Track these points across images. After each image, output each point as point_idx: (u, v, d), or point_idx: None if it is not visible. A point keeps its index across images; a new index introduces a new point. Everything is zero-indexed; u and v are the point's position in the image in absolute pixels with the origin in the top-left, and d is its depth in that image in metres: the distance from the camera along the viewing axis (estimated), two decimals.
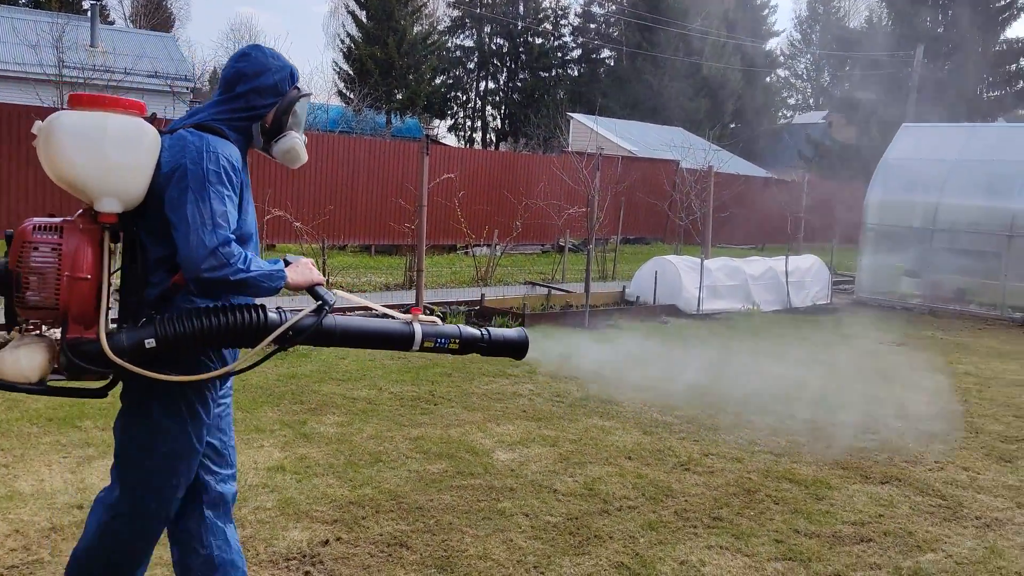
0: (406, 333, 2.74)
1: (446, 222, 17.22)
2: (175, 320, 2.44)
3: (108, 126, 2.39)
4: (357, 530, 3.97)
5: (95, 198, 2.39)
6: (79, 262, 2.37)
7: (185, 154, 2.45)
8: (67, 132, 2.37)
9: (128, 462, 2.61)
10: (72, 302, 2.36)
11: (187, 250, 2.39)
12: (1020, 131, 15.76)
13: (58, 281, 2.35)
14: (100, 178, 2.37)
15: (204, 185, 2.43)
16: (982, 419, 6.74)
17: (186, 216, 2.40)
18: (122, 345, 2.41)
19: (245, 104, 2.64)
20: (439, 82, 42.54)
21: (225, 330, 2.46)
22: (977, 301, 13.40)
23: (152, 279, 2.52)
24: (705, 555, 3.94)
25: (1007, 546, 4.24)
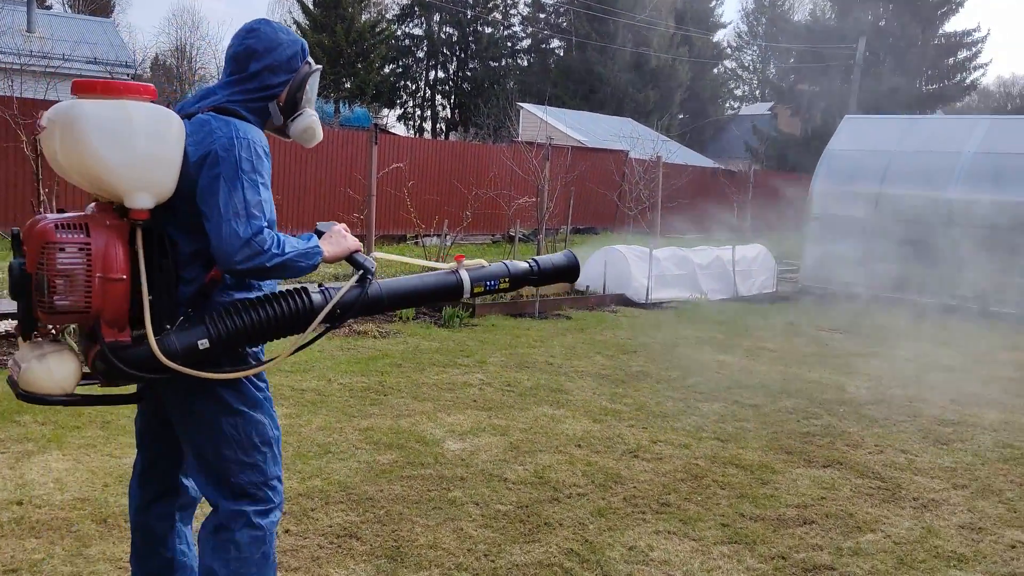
0: (454, 283, 2.71)
1: (396, 212, 17.12)
2: (223, 317, 2.34)
3: (133, 115, 2.22)
4: (306, 522, 3.95)
5: (126, 194, 2.23)
6: (111, 262, 2.21)
7: (214, 141, 2.32)
8: (92, 123, 2.17)
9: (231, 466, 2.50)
10: (106, 305, 2.21)
11: (219, 241, 2.28)
12: (957, 123, 16.20)
13: (89, 283, 2.18)
14: (131, 172, 2.21)
15: (236, 173, 2.31)
16: (919, 403, 6.93)
17: (218, 206, 2.29)
18: (174, 348, 2.29)
19: (260, 84, 2.49)
20: (388, 71, 42.21)
21: (275, 321, 2.39)
22: (916, 289, 13.74)
23: (185, 275, 2.39)
24: (653, 540, 3.99)
25: (943, 526, 4.38)
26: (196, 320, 2.35)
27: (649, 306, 11.45)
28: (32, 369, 2.23)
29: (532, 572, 3.60)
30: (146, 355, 2.26)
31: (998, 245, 12.90)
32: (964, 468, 5.33)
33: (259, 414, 2.53)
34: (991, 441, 5.95)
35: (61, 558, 3.48)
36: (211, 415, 2.47)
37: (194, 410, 2.47)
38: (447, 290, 2.72)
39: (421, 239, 17.54)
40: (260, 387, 2.57)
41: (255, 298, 2.43)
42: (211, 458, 2.50)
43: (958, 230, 13.23)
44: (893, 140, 14.59)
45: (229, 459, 2.49)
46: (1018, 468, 5.38)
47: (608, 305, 11.27)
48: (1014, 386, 7.79)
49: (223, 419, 2.47)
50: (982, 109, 45.41)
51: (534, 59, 46.52)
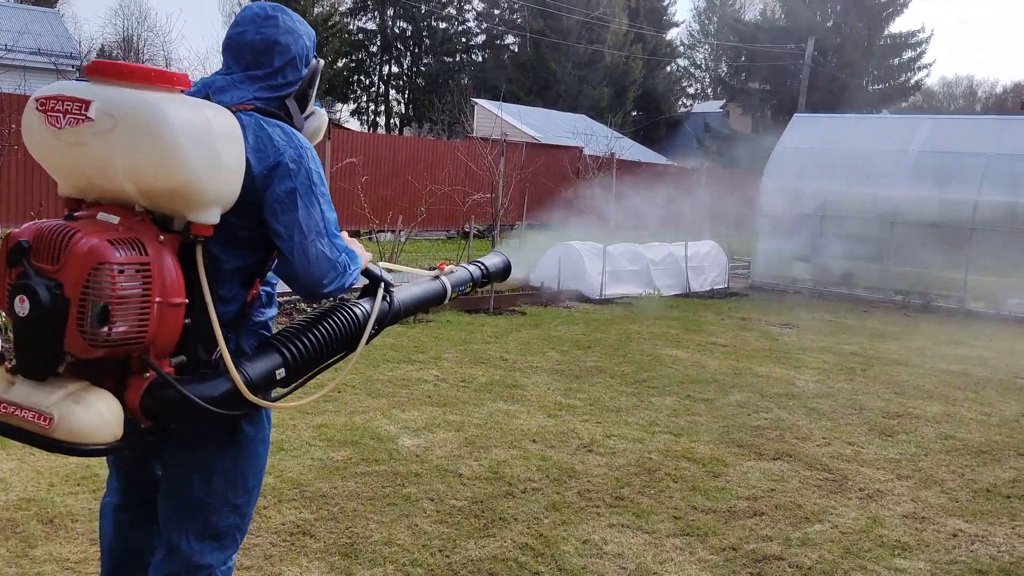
0: (441, 291, 2.74)
1: (349, 207, 16.97)
2: (294, 340, 2.18)
3: (209, 116, 1.95)
4: (259, 520, 3.91)
5: (200, 207, 1.94)
6: (171, 284, 1.93)
7: (280, 151, 2.10)
8: (181, 124, 1.88)
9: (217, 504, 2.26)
10: (161, 333, 1.93)
11: (308, 263, 2.12)
12: (902, 122, 16.58)
13: (146, 309, 1.88)
14: (214, 184, 1.94)
15: (311, 188, 2.13)
16: (865, 396, 7.09)
17: (299, 224, 2.10)
18: (255, 379, 2.08)
19: (284, 80, 2.26)
20: (341, 65, 41.81)
21: (336, 339, 2.26)
22: (863, 285, 14.06)
23: (224, 293, 2.15)
24: (607, 534, 4.03)
25: (888, 515, 4.49)
26: (266, 346, 2.18)
27: (603, 302, 11.54)
28: (75, 414, 1.84)
29: (487, 567, 3.62)
30: (225, 391, 2.02)
31: (941, 242, 13.25)
32: (908, 459, 5.47)
33: (262, 450, 2.34)
34: (934, 433, 6.11)
35: (6, 559, 3.40)
36: (218, 445, 2.24)
37: (204, 441, 2.23)
38: (437, 298, 2.75)
39: (375, 235, 17.44)
40: (270, 423, 2.40)
41: (313, 316, 2.29)
42: (196, 491, 2.24)
43: (903, 227, 13.56)
44: (841, 139, 14.89)
45: (216, 496, 2.25)
46: (959, 459, 5.54)
47: (563, 301, 11.33)
48: (956, 379, 8.01)
49: (225, 451, 2.25)
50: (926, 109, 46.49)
51: (488, 55, 46.49)
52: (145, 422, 1.98)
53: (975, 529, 4.37)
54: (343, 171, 15.38)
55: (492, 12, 46.21)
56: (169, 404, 1.96)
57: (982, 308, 12.66)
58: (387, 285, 2.47)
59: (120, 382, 1.96)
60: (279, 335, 2.21)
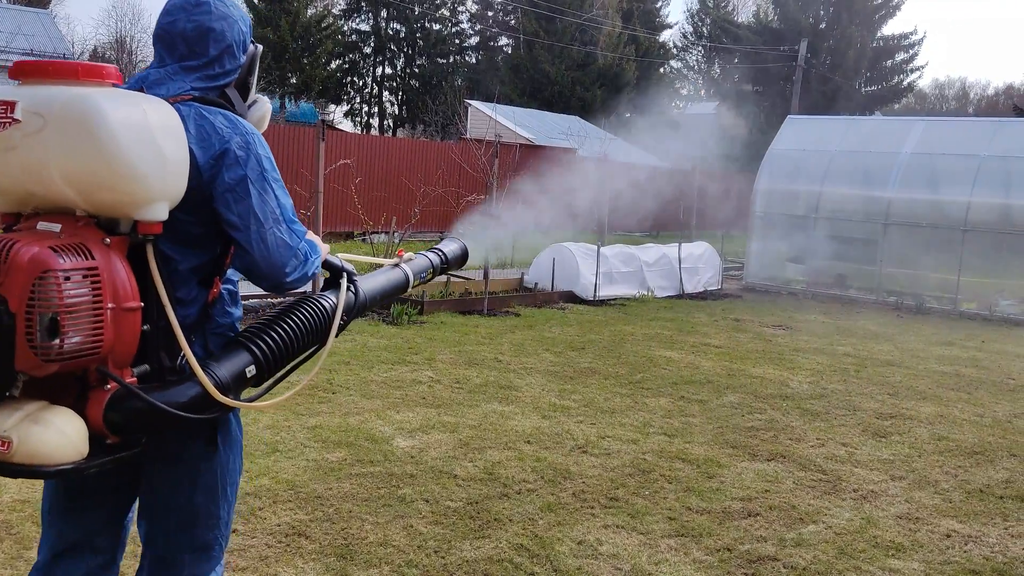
0: (404, 280, 2.64)
1: (343, 209, 16.98)
2: (263, 336, 2.09)
3: (147, 109, 1.84)
4: (254, 521, 3.91)
5: (144, 205, 1.84)
6: (122, 289, 1.81)
7: (225, 138, 2.01)
8: (117, 120, 1.77)
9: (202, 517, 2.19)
10: (119, 341, 1.82)
11: (268, 253, 2.03)
12: (894, 123, 16.64)
13: (99, 317, 1.77)
14: (158, 180, 1.84)
15: (262, 174, 2.05)
16: (859, 397, 7.11)
17: (255, 213, 2.02)
18: (225, 380, 1.98)
19: (222, 68, 2.15)
20: (335, 66, 41.80)
21: (307, 331, 2.18)
22: (855, 286, 14.10)
23: (181, 295, 2.05)
24: (602, 534, 4.04)
25: (882, 516, 4.51)
26: (233, 344, 2.09)
27: (597, 303, 11.55)
28: (34, 436, 1.73)
29: (482, 568, 3.62)
30: (193, 396, 1.92)
31: (934, 243, 13.31)
32: (902, 460, 5.49)
33: (235, 458, 2.25)
34: (927, 434, 6.13)
35: (1, 561, 3.39)
36: (195, 458, 2.16)
37: (183, 455, 2.14)
38: (402, 287, 2.66)
39: (369, 236, 17.43)
40: (241, 426, 2.31)
41: (279, 310, 2.21)
42: (183, 508, 2.17)
43: (896, 228, 13.60)
44: (833, 140, 14.94)
45: (199, 510, 2.18)
46: (953, 460, 5.56)
47: (556, 302, 11.34)
48: (949, 380, 8.03)
49: (202, 463, 2.16)
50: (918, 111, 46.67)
51: (482, 56, 46.52)
52: (111, 437, 1.86)
53: (968, 529, 4.39)
54: (337, 173, 15.36)
55: (485, 14, 46.24)
56: (135, 415, 1.85)
57: (975, 309, 12.71)
58: (350, 275, 2.39)
59: (81, 398, 1.85)
60: (246, 332, 2.13)
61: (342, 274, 2.38)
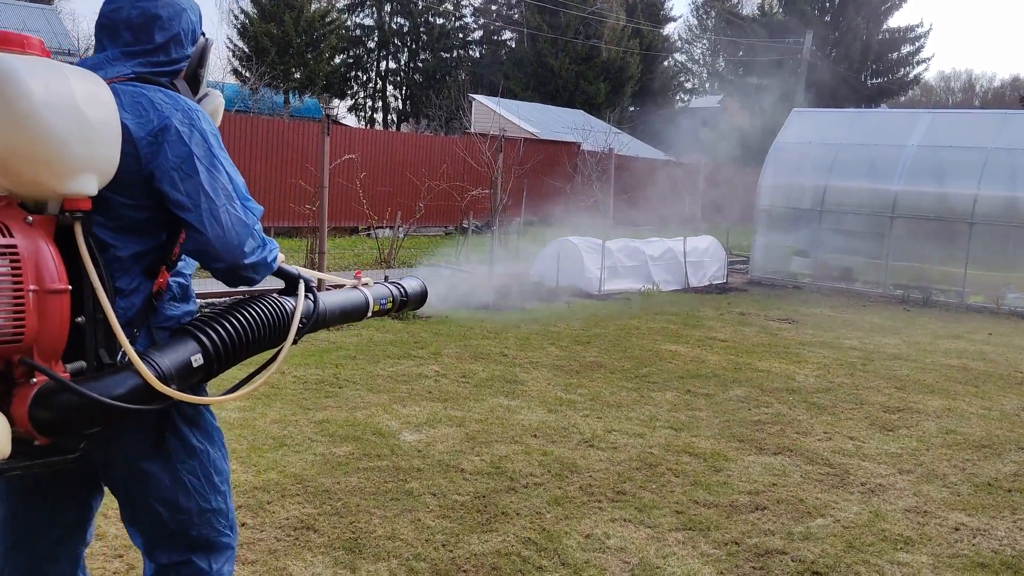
0: (363, 302, 2.48)
1: (347, 204, 16.98)
2: (214, 325, 1.95)
3: (70, 76, 1.71)
4: (263, 515, 3.91)
5: (68, 176, 1.68)
6: (46, 269, 1.66)
7: (164, 113, 1.89)
8: (32, 81, 1.63)
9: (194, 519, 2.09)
10: (44, 328, 1.65)
11: (220, 232, 1.89)
12: (901, 117, 16.57)
13: (20, 300, 1.61)
14: (80, 147, 1.69)
15: (209, 150, 1.93)
16: (866, 391, 7.10)
17: (205, 191, 1.89)
18: (167, 370, 1.83)
19: (167, 57, 2.04)
20: (339, 61, 41.73)
21: (265, 328, 2.03)
22: (862, 279, 14.07)
23: (122, 285, 1.90)
24: (610, 528, 4.04)
25: (890, 510, 4.50)
26: (180, 333, 1.94)
27: (602, 297, 11.54)
28: None
29: (490, 561, 3.62)
30: (133, 387, 1.75)
31: (940, 236, 13.26)
32: (909, 454, 5.47)
33: (215, 449, 2.15)
34: (935, 427, 6.11)
35: None
36: (166, 464, 2.04)
37: (145, 465, 2.01)
38: (361, 309, 2.48)
39: (374, 231, 17.44)
40: (213, 414, 2.21)
41: (238, 301, 2.08)
42: (166, 516, 2.07)
43: (902, 221, 13.56)
44: (839, 133, 14.88)
45: (190, 511, 2.09)
46: (961, 453, 5.54)
47: (561, 296, 11.33)
48: (956, 373, 8.01)
49: (180, 466, 2.05)
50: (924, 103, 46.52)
51: (486, 51, 46.44)
52: (39, 439, 1.67)
53: (977, 523, 4.38)
54: (341, 168, 15.36)
55: (489, 8, 46.15)
56: (66, 411, 1.65)
57: (982, 302, 12.67)
58: (307, 282, 2.25)
59: (3, 396, 1.67)
60: (194, 321, 1.99)
61: (299, 281, 2.25)
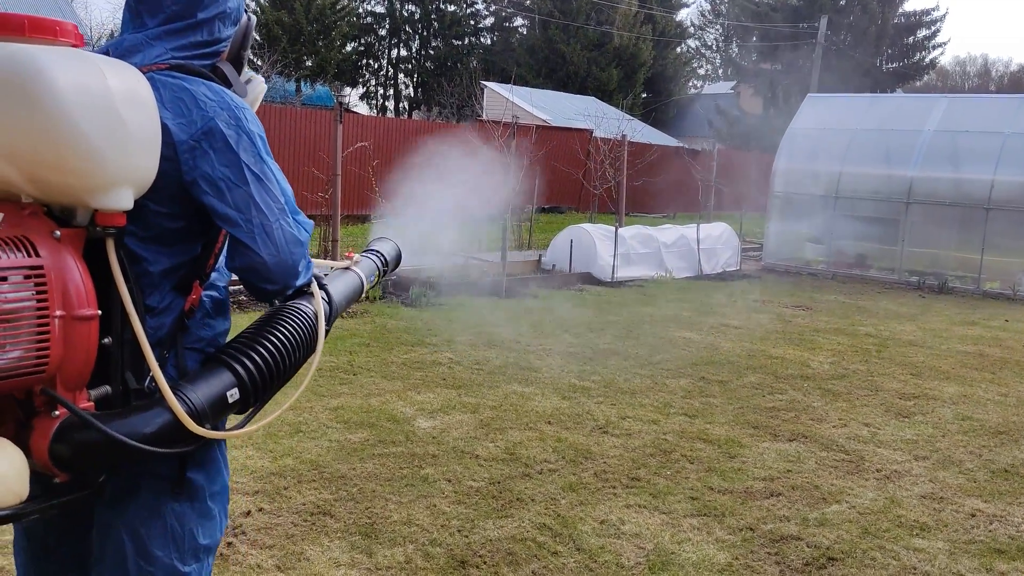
0: (359, 284, 2.30)
1: (360, 191, 17.00)
2: (243, 351, 1.72)
3: (105, 71, 1.49)
4: (279, 500, 3.94)
5: (104, 189, 1.48)
6: (75, 293, 1.46)
7: (209, 113, 1.67)
8: (66, 81, 1.43)
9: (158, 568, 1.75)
10: (70, 357, 1.47)
11: (275, 252, 1.70)
12: (917, 101, 16.43)
13: (43, 326, 1.42)
14: (118, 157, 1.48)
15: (258, 156, 1.71)
16: (881, 377, 7.07)
17: (256, 204, 1.68)
18: (201, 407, 1.61)
19: (210, 36, 1.79)
20: (350, 49, 41.71)
21: (296, 347, 1.81)
22: (877, 266, 14.00)
23: (153, 303, 1.70)
24: (624, 514, 4.04)
25: (905, 496, 4.49)
26: (212, 363, 1.72)
27: (615, 284, 11.52)
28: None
29: (506, 547, 3.64)
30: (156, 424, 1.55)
31: (956, 222, 13.17)
32: (925, 440, 5.45)
33: (217, 506, 1.84)
34: (951, 414, 6.09)
35: None
36: (157, 500, 1.74)
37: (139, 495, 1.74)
38: (359, 292, 2.30)
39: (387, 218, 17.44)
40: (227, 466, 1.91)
41: (262, 320, 1.84)
42: (131, 561, 1.73)
43: (918, 208, 13.47)
44: (854, 119, 14.78)
45: (157, 563, 1.73)
46: (977, 440, 5.52)
47: (574, 284, 11.32)
48: (972, 360, 7.97)
49: (168, 505, 1.74)
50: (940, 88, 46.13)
51: (497, 38, 46.28)
52: (59, 475, 1.51)
53: (993, 509, 4.36)
54: (354, 155, 15.37)
55: None
56: (88, 449, 1.50)
57: (998, 288, 12.58)
58: (319, 280, 2.02)
59: (22, 426, 1.50)
60: (227, 348, 1.75)
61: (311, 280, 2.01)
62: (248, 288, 1.80)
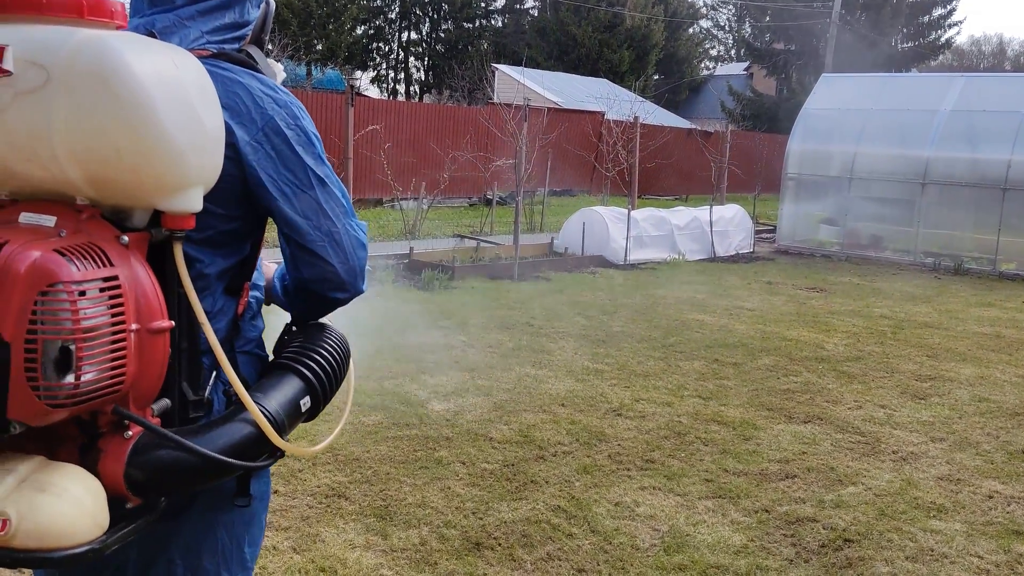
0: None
1: (371, 175, 16.97)
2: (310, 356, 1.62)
3: (176, 63, 1.36)
4: (294, 482, 3.95)
5: (178, 190, 1.37)
6: (148, 304, 1.35)
7: (265, 109, 1.55)
8: (144, 74, 1.28)
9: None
10: (144, 373, 1.36)
11: (345, 259, 1.60)
12: (933, 81, 16.24)
13: (119, 343, 1.29)
14: (194, 154, 1.36)
15: (318, 157, 1.60)
16: (897, 359, 7.03)
17: (323, 209, 1.58)
18: (281, 419, 1.50)
19: (240, 16, 1.66)
20: (360, 32, 41.59)
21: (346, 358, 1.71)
22: (892, 247, 13.89)
23: (209, 307, 1.58)
24: (639, 496, 4.03)
25: (922, 478, 4.46)
26: (279, 369, 1.61)
27: (627, 267, 11.48)
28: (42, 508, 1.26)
29: (520, 528, 3.63)
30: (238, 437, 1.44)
31: (973, 203, 13.05)
32: (941, 422, 5.42)
33: (261, 512, 1.77)
34: (968, 395, 6.04)
35: None
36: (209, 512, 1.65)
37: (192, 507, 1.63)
38: None
39: (398, 202, 17.44)
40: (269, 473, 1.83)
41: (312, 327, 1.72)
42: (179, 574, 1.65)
43: (934, 188, 13.35)
44: (869, 99, 14.63)
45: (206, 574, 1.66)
46: (994, 421, 5.48)
47: (587, 267, 11.29)
48: (988, 341, 7.91)
49: (221, 516, 1.65)
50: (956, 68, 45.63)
51: (508, 20, 46.04)
52: (132, 500, 1.39)
53: (1011, 490, 4.33)
54: (365, 139, 15.35)
55: None
56: (167, 469, 1.39)
57: (1015, 270, 12.48)
58: None
59: (88, 449, 1.38)
60: (289, 353, 1.65)
61: None
62: (309, 299, 1.69)
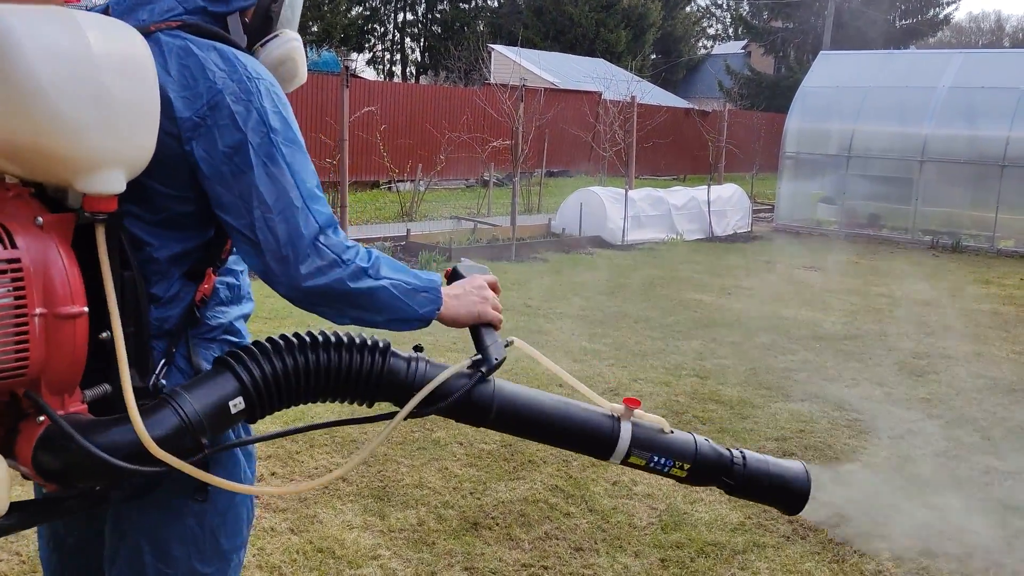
0: (606, 433, 1.66)
1: (368, 157, 16.92)
2: (260, 358, 1.48)
3: (89, 34, 1.27)
4: (292, 464, 3.95)
5: (88, 172, 1.29)
6: (59, 287, 1.30)
7: (216, 83, 1.43)
8: (36, 46, 1.23)
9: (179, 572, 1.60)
10: (56, 358, 1.31)
11: (275, 248, 1.43)
12: (930, 58, 16.18)
13: (21, 326, 1.27)
14: (99, 132, 1.28)
15: (268, 137, 1.44)
16: (894, 337, 7.03)
17: (258, 192, 1.43)
18: (197, 420, 1.39)
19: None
20: (355, 14, 41.33)
21: (336, 374, 1.53)
22: (890, 225, 13.88)
23: (159, 292, 1.50)
24: (636, 475, 4.03)
25: (919, 455, 4.47)
26: (218, 364, 1.49)
27: (625, 247, 11.46)
28: None
29: (518, 508, 3.64)
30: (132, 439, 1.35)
31: (971, 180, 13.02)
32: (939, 399, 5.42)
33: (239, 501, 1.67)
34: (965, 372, 6.05)
35: None
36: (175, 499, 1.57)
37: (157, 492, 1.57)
38: (592, 438, 1.67)
39: (395, 184, 17.39)
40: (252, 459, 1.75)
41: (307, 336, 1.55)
42: (148, 562, 1.58)
43: (932, 166, 13.32)
44: (868, 76, 14.56)
45: (177, 564, 1.58)
46: (992, 398, 5.48)
47: (584, 247, 11.27)
48: (986, 319, 7.91)
49: (190, 504, 1.57)
50: (954, 44, 45.44)
51: (504, 0, 45.76)
52: (45, 486, 1.38)
53: (1008, 466, 4.34)
54: (361, 121, 15.28)
55: None
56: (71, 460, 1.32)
57: (1013, 247, 12.47)
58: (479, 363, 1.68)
59: (10, 430, 1.35)
60: (243, 349, 1.51)
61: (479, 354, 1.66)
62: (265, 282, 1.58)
